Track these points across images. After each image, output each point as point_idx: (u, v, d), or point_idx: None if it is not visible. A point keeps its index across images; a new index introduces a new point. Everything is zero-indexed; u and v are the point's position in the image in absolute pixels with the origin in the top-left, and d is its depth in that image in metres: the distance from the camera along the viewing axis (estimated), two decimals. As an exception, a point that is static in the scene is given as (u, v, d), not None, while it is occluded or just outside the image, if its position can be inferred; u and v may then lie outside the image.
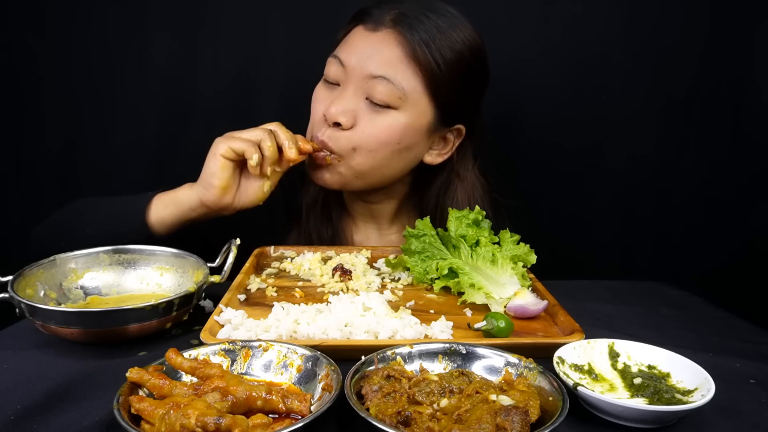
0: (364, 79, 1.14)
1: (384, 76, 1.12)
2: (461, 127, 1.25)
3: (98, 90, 1.63)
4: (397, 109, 1.14)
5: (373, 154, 1.17)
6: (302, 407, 0.66)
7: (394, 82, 1.12)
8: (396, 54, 1.13)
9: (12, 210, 1.70)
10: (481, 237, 1.09)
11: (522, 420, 0.61)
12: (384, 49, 1.13)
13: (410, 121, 1.16)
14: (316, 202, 1.33)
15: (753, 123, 1.60)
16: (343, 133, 1.15)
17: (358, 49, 1.15)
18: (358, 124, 1.15)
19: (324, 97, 1.19)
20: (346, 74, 1.15)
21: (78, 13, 1.58)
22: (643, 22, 1.58)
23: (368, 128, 1.15)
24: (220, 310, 0.92)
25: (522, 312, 0.95)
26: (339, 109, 1.13)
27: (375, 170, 1.19)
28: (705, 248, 1.68)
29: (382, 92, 1.13)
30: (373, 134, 1.15)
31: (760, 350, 0.92)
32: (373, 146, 1.16)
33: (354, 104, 1.14)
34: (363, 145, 1.15)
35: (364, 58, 1.14)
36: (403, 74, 1.13)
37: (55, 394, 0.73)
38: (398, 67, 1.13)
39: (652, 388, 0.73)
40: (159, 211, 1.09)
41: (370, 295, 0.97)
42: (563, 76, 1.61)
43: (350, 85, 1.15)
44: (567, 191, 1.69)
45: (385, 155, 1.18)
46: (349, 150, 1.16)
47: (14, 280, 0.90)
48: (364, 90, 1.14)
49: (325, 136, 1.15)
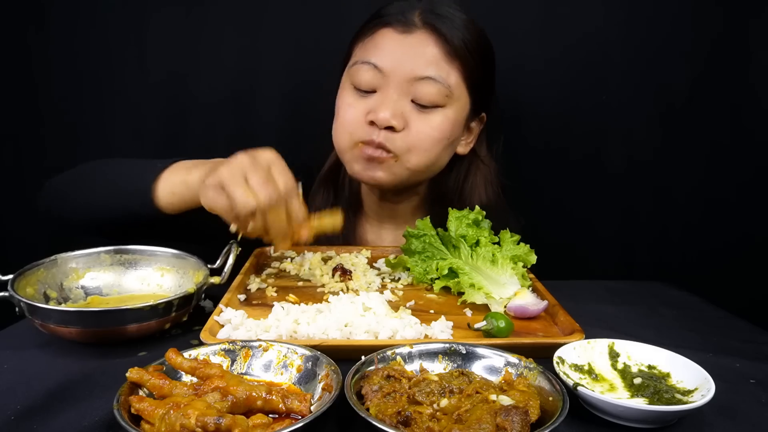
0: (407, 81, 1.14)
1: (430, 77, 1.13)
2: (484, 115, 1.29)
3: (98, 90, 1.62)
4: (444, 106, 1.16)
5: (428, 153, 1.18)
6: (302, 407, 0.66)
7: (440, 81, 1.14)
8: (435, 53, 1.14)
9: (12, 210, 1.70)
10: (481, 237, 1.09)
11: (522, 420, 0.61)
12: (423, 49, 1.14)
13: (456, 116, 1.19)
14: (327, 203, 1.32)
15: (753, 122, 1.60)
16: (398, 135, 1.15)
17: (393, 53, 1.15)
18: (409, 125, 1.15)
19: (357, 103, 1.17)
20: (385, 79, 1.15)
21: (78, 12, 1.58)
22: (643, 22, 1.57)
23: (422, 128, 1.15)
24: (220, 310, 0.92)
25: (522, 312, 0.95)
26: (389, 113, 1.12)
27: (428, 167, 1.21)
28: (705, 248, 1.68)
29: (429, 93, 1.14)
30: (427, 134, 1.16)
31: (760, 350, 0.92)
32: (428, 146, 1.17)
33: (401, 107, 1.14)
34: (418, 146, 1.16)
35: (405, 61, 1.14)
36: (446, 71, 1.15)
37: (55, 394, 0.73)
38: (441, 66, 1.14)
39: (652, 388, 0.73)
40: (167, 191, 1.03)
41: (370, 295, 0.97)
42: (563, 76, 1.61)
43: (391, 89, 1.14)
44: (567, 191, 1.69)
45: (438, 152, 1.19)
46: (405, 150, 1.16)
47: (15, 279, 0.90)
48: (408, 92, 1.14)
49: (381, 138, 1.14)
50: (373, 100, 1.16)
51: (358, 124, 1.16)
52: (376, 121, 1.13)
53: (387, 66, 1.14)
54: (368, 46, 1.18)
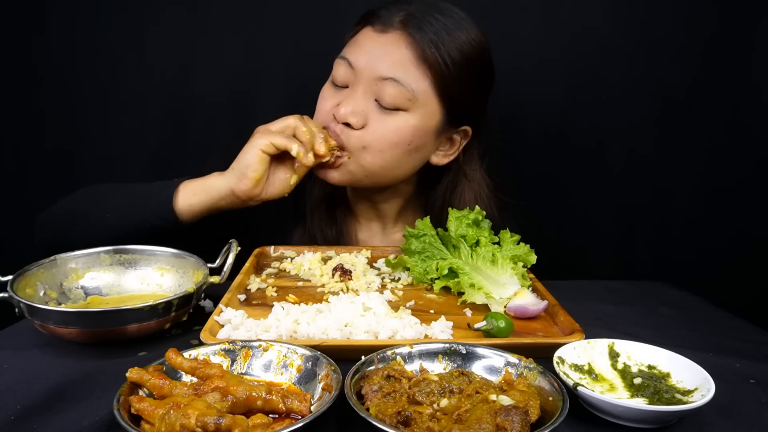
0: (373, 80, 1.14)
1: (393, 78, 1.12)
2: (468, 129, 1.25)
3: (98, 89, 1.63)
4: (407, 110, 1.15)
5: (383, 155, 1.17)
6: (302, 407, 0.66)
7: (403, 84, 1.12)
8: (405, 55, 1.13)
9: (12, 210, 1.70)
10: (481, 237, 1.09)
11: (522, 420, 0.61)
12: (394, 50, 1.13)
13: (420, 123, 1.16)
14: (320, 202, 1.33)
15: (752, 122, 1.60)
16: (354, 132, 1.15)
17: (367, 51, 1.16)
18: (368, 124, 1.15)
19: (331, 96, 1.19)
20: (354, 75, 1.16)
21: (79, 13, 1.58)
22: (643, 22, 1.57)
23: (378, 129, 1.15)
24: (220, 310, 0.92)
25: (522, 312, 0.95)
26: (349, 109, 1.14)
27: (384, 170, 1.20)
28: (705, 248, 1.68)
29: (391, 94, 1.13)
30: (383, 135, 1.15)
31: (760, 350, 0.92)
32: (383, 147, 1.16)
33: (363, 105, 1.15)
34: (373, 145, 1.16)
35: (374, 59, 1.14)
36: (413, 76, 1.13)
37: (55, 394, 0.73)
38: (408, 69, 1.13)
39: (652, 388, 0.73)
40: (188, 198, 1.10)
41: (370, 295, 0.97)
42: (562, 76, 1.61)
43: (359, 87, 1.15)
44: (567, 191, 1.69)
45: (395, 156, 1.18)
46: (359, 148, 1.16)
47: (14, 280, 0.90)
48: (373, 91, 1.15)
49: (337, 128, 1.16)
50: (342, 95, 1.17)
51: (325, 117, 1.19)
52: (336, 116, 1.15)
53: (359, 64, 1.15)
54: (351, 43, 1.20)
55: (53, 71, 1.62)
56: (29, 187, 1.70)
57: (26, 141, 1.67)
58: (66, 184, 1.66)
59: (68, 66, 1.61)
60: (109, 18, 1.58)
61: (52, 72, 1.62)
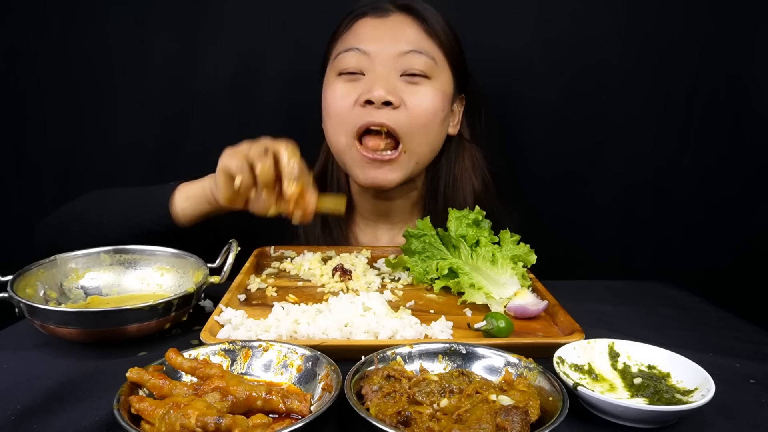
0: (393, 58, 1.17)
1: (416, 49, 1.18)
2: (463, 96, 1.32)
3: (98, 90, 1.63)
4: (430, 78, 1.19)
5: (427, 130, 1.20)
6: (302, 407, 0.66)
7: (425, 53, 1.18)
8: (415, 30, 1.20)
9: (12, 210, 1.70)
10: (481, 237, 1.09)
11: (522, 420, 0.61)
12: (403, 28, 1.20)
13: (443, 89, 1.22)
14: None
15: (753, 123, 1.60)
16: (399, 112, 1.16)
17: (375, 35, 1.19)
18: (405, 101, 1.17)
19: (347, 90, 1.19)
20: (371, 60, 1.18)
21: (78, 13, 1.58)
22: (643, 22, 1.57)
23: (416, 102, 1.18)
24: (220, 310, 0.92)
25: (522, 312, 0.95)
26: (383, 89, 1.14)
27: (429, 148, 1.24)
28: (705, 248, 1.68)
29: (418, 63, 1.18)
30: (422, 106, 1.18)
31: (760, 350, 0.92)
32: (426, 120, 1.19)
33: (393, 83, 1.17)
34: (418, 121, 1.18)
35: (388, 40, 1.18)
36: (427, 45, 1.20)
37: (55, 394, 0.73)
38: (422, 41, 1.19)
39: (652, 388, 0.73)
40: (182, 202, 1.10)
41: (370, 295, 0.97)
42: (563, 76, 1.61)
43: (379, 69, 1.17)
44: (567, 191, 1.69)
45: (434, 128, 1.22)
46: (408, 133, 1.17)
47: (14, 280, 0.90)
48: (396, 68, 1.17)
49: (382, 118, 1.15)
50: (363, 83, 1.17)
51: (352, 112, 1.17)
52: (373, 99, 1.14)
53: (371, 48, 1.18)
54: (347, 38, 1.21)
55: (54, 72, 1.62)
56: (30, 188, 1.70)
57: (27, 141, 1.67)
58: (67, 184, 1.67)
59: (69, 67, 1.61)
60: (109, 19, 1.58)
61: (53, 73, 1.62)
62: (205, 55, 1.61)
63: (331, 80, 1.22)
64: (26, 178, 1.69)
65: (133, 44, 1.60)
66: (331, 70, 1.23)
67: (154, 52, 1.61)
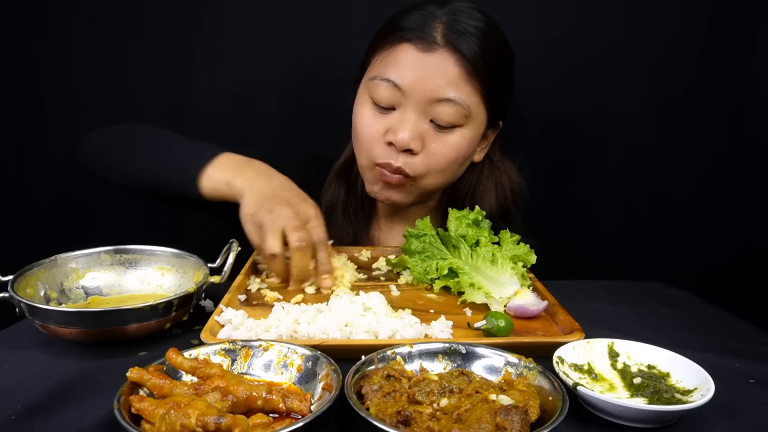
0: (427, 102, 1.12)
1: (450, 99, 1.11)
2: (500, 124, 1.27)
3: (98, 90, 1.63)
4: (462, 126, 1.15)
5: (444, 174, 1.19)
6: (302, 407, 0.66)
7: (459, 103, 1.12)
8: (456, 73, 1.11)
9: (12, 210, 1.70)
10: (481, 237, 1.09)
11: (522, 420, 0.61)
12: (443, 69, 1.11)
13: (474, 134, 1.18)
14: (336, 203, 1.32)
15: (753, 123, 1.60)
16: (417, 159, 1.15)
17: (413, 72, 1.12)
18: (426, 146, 1.15)
19: (375, 120, 1.16)
20: (404, 97, 1.13)
21: (78, 13, 1.58)
22: (643, 22, 1.57)
23: (438, 150, 1.15)
24: (221, 310, 0.92)
25: (522, 311, 0.95)
26: (407, 135, 1.12)
27: (442, 185, 1.23)
28: (705, 248, 1.68)
29: (449, 114, 1.12)
30: (444, 155, 1.16)
31: (760, 350, 0.92)
32: (444, 166, 1.17)
33: (419, 128, 1.14)
34: (435, 167, 1.17)
35: (424, 81, 1.11)
36: (465, 91, 1.12)
37: (55, 394, 0.73)
38: (461, 86, 1.12)
39: (651, 388, 0.73)
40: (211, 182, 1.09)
41: (370, 295, 0.97)
42: (563, 76, 1.61)
43: (410, 109, 1.13)
44: (567, 191, 1.69)
45: (453, 170, 1.21)
46: (423, 174, 1.17)
47: (14, 280, 0.90)
48: (428, 113, 1.13)
49: (400, 162, 1.15)
50: (392, 119, 1.14)
51: (376, 143, 1.16)
52: (395, 143, 1.13)
53: (407, 85, 1.12)
54: (388, 61, 1.15)
55: (54, 72, 1.62)
56: (30, 188, 1.70)
57: (27, 141, 1.67)
58: (67, 184, 1.67)
59: (69, 67, 1.61)
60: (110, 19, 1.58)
61: (53, 73, 1.62)
62: (205, 56, 1.61)
63: (363, 100, 1.19)
64: (26, 178, 1.69)
65: (133, 45, 1.60)
66: (365, 87, 1.19)
67: (155, 52, 1.61)
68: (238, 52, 1.61)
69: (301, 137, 1.64)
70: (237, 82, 1.63)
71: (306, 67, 1.60)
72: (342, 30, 1.27)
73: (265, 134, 1.65)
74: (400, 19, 1.16)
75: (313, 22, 1.58)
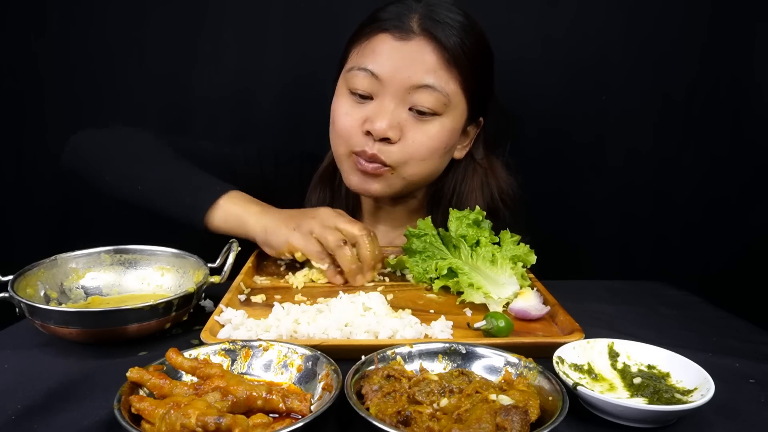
0: (405, 90, 1.11)
1: (428, 85, 1.11)
2: (481, 119, 1.26)
3: (98, 90, 1.63)
4: (442, 114, 1.14)
5: (425, 163, 1.17)
6: (302, 407, 0.66)
7: (438, 89, 1.11)
8: (434, 60, 1.11)
9: (12, 210, 1.70)
10: (481, 237, 1.09)
11: (522, 420, 0.61)
12: (421, 57, 1.11)
13: (453, 124, 1.17)
14: (323, 203, 1.32)
15: (753, 123, 1.60)
16: (394, 147, 1.14)
17: (391, 60, 1.12)
18: (405, 135, 1.14)
19: (353, 110, 1.16)
20: (382, 86, 1.12)
21: (78, 13, 1.58)
22: (643, 22, 1.58)
23: (418, 139, 1.14)
24: (221, 310, 0.92)
25: (523, 315, 0.95)
26: (385, 124, 1.11)
27: (424, 177, 1.21)
28: (705, 248, 1.68)
29: (428, 100, 1.12)
30: (423, 144, 1.15)
31: (760, 350, 0.92)
32: (424, 155, 1.16)
33: (398, 116, 1.13)
34: (415, 156, 1.15)
35: (402, 69, 1.11)
36: (444, 79, 1.12)
37: (55, 394, 0.73)
38: (439, 74, 1.12)
39: (651, 388, 0.73)
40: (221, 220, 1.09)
41: (370, 295, 0.97)
42: (563, 76, 1.61)
43: (389, 97, 1.12)
44: (567, 191, 1.69)
45: (434, 161, 1.19)
46: (401, 162, 1.15)
47: (14, 280, 0.90)
48: (406, 101, 1.12)
49: (375, 150, 1.13)
50: (370, 108, 1.14)
51: (353, 133, 1.15)
52: (372, 132, 1.12)
53: (384, 73, 1.11)
54: (365, 52, 1.15)
55: (54, 72, 1.62)
56: (30, 188, 1.70)
57: (27, 141, 1.67)
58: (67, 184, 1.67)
59: (69, 67, 1.61)
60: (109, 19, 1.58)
61: (53, 73, 1.62)
62: (205, 56, 1.61)
63: (341, 92, 1.19)
64: (26, 178, 1.69)
65: (133, 44, 1.60)
66: (342, 80, 1.19)
67: (154, 52, 1.61)
68: (237, 51, 1.61)
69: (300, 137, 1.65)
70: (237, 82, 1.63)
71: (306, 67, 1.60)
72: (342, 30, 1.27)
73: (265, 134, 1.66)
74: (377, 12, 1.17)
75: (312, 22, 1.58)
